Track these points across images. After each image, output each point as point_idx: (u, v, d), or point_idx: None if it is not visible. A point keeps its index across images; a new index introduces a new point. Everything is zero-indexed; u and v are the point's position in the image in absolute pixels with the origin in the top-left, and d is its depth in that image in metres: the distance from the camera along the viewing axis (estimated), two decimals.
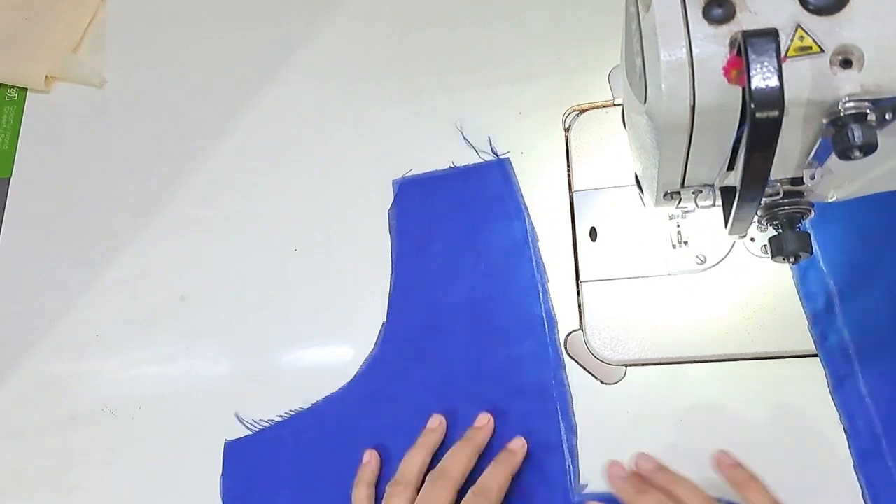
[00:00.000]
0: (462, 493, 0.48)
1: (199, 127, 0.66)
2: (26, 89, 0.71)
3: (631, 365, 0.52)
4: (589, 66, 0.59)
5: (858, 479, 0.46)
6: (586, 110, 0.58)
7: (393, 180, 0.60)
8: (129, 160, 0.66)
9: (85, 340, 0.61)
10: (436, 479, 0.49)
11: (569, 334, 0.54)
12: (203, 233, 0.62)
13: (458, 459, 0.50)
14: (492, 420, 0.52)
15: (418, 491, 0.49)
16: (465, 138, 0.59)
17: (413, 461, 0.51)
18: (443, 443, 0.52)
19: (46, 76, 0.70)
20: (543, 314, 0.54)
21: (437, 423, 0.52)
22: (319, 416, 0.55)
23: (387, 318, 0.56)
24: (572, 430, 0.51)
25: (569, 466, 0.50)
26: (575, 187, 0.57)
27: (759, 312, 0.51)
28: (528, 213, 0.57)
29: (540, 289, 0.55)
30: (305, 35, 0.67)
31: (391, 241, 0.58)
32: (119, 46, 0.72)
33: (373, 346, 0.56)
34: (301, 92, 0.65)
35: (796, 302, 0.50)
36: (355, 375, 0.55)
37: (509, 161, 0.58)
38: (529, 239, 0.56)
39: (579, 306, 0.54)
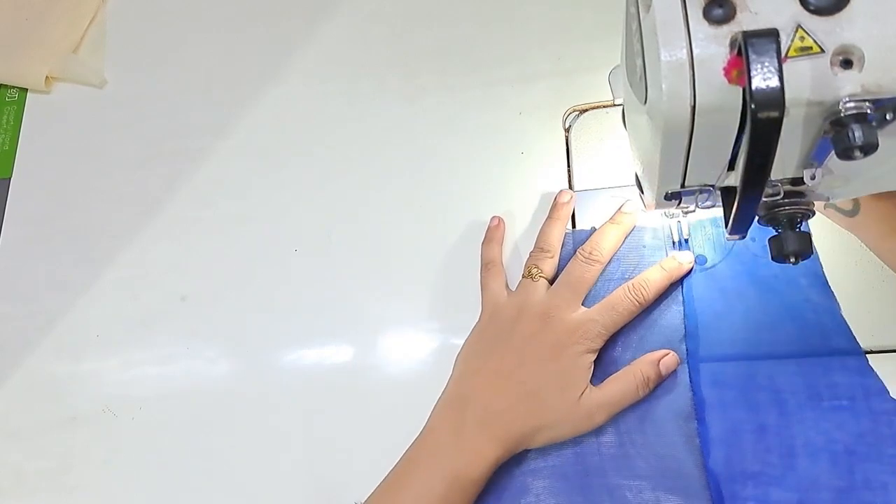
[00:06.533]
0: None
1: (199, 127, 0.66)
2: (26, 89, 0.71)
3: None
4: (589, 66, 0.59)
5: None
6: (586, 110, 0.58)
7: None
8: (129, 160, 0.66)
9: (85, 340, 0.61)
10: (587, 255, 0.50)
11: None
12: (203, 233, 0.62)
13: (607, 238, 0.51)
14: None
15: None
16: None
17: (553, 232, 0.51)
18: None
19: (46, 76, 0.70)
20: None
21: (568, 195, 0.53)
22: None
23: None
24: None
25: None
26: (575, 187, 0.57)
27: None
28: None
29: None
30: (305, 35, 0.67)
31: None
32: (119, 46, 0.72)
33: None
34: (301, 92, 0.65)
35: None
36: None
37: None
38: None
39: None
